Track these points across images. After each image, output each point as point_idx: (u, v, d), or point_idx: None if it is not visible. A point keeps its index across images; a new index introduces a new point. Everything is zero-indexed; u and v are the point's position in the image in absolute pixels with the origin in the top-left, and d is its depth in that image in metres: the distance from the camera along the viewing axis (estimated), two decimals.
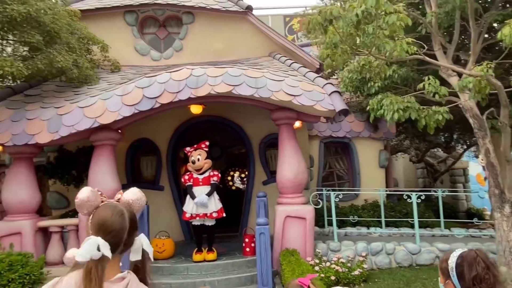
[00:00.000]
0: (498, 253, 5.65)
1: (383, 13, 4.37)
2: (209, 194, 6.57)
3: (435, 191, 8.79)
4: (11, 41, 6.86)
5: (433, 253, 6.96)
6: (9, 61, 5.84)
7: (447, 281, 1.76)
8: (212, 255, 6.60)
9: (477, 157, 14.80)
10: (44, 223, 6.70)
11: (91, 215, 1.52)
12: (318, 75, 7.17)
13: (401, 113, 5.02)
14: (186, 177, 6.87)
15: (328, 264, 6.21)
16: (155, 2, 8.68)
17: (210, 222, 6.71)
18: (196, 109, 7.67)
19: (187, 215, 6.65)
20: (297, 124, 8.08)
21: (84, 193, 1.54)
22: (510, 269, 5.49)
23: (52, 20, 6.43)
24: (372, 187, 9.64)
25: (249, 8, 8.62)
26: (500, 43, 4.90)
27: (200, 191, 6.59)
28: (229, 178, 15.88)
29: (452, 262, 1.75)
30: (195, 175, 6.74)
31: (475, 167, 15.33)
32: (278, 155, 7.08)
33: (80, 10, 7.87)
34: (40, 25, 6.30)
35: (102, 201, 1.55)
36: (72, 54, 6.78)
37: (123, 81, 7.16)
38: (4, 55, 6.61)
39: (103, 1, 8.85)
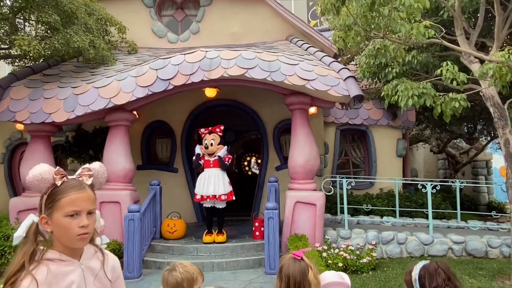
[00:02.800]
0: None
1: None
2: (222, 165, 6.64)
3: (453, 182, 8.55)
4: (31, 21, 7.00)
5: (446, 245, 6.81)
6: (27, 40, 5.95)
7: None
8: (221, 237, 6.66)
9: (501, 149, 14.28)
10: None
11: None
12: (335, 60, 7.01)
13: (416, 99, 4.85)
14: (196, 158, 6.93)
15: (336, 251, 6.16)
16: None
17: (220, 205, 6.76)
18: (210, 92, 7.66)
19: (198, 197, 6.71)
20: (312, 110, 7.98)
21: (37, 170, 1.43)
22: None
23: (70, 0, 6.51)
24: (388, 176, 9.48)
25: None
26: None
27: (211, 173, 6.63)
28: (245, 163, 15.93)
29: (415, 274, 1.81)
30: (206, 157, 6.77)
31: (499, 160, 14.77)
32: (291, 141, 7.02)
33: None
34: (58, 5, 6.39)
35: (62, 179, 1.44)
36: (89, 35, 6.86)
37: (138, 62, 7.21)
38: (23, 33, 6.74)
39: None
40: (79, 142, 8.09)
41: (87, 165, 1.56)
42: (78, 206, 1.41)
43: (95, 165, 1.58)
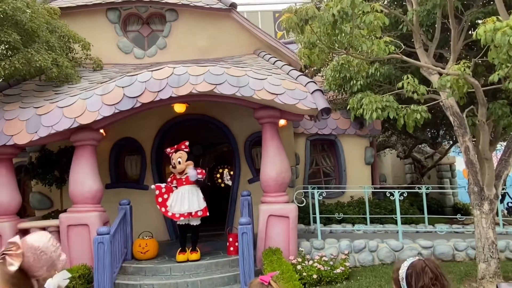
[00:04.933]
0: (477, 250, 5.71)
1: (360, 12, 4.35)
2: (199, 182, 6.57)
3: (419, 188, 8.85)
4: None
5: (416, 250, 7.01)
6: None
7: None
8: (195, 255, 6.58)
9: None
10: (25, 224, 6.62)
11: None
12: (302, 73, 7.14)
13: (380, 112, 5.02)
14: (169, 179, 6.88)
15: (310, 262, 6.22)
16: None
17: (195, 222, 6.68)
18: (179, 108, 7.62)
19: (169, 214, 6.62)
20: (282, 122, 8.06)
21: None
22: (489, 265, 5.55)
23: (30, 18, 6.33)
24: (358, 184, 9.69)
25: (233, 5, 8.56)
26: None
27: (185, 190, 6.55)
28: (218, 175, 15.83)
29: (402, 272, 1.77)
30: (178, 176, 6.70)
31: (461, 162, 15.37)
32: (262, 154, 7.06)
33: (61, 8, 7.76)
34: (18, 24, 6.20)
35: None
36: (52, 53, 6.67)
37: (104, 80, 7.08)
38: None
39: None
40: (43, 163, 7.80)
41: (16, 240, 1.17)
42: None
43: (35, 238, 1.22)
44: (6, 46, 6.49)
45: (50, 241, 1.24)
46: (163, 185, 6.74)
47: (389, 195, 7.40)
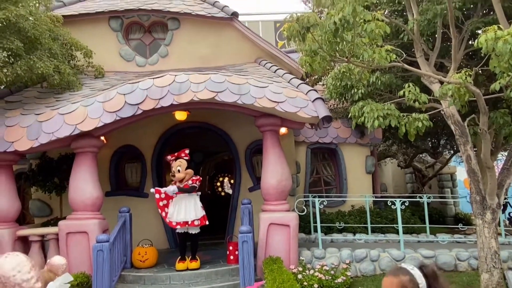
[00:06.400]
0: (480, 260, 5.65)
1: (361, 20, 4.37)
2: (187, 191, 6.48)
3: (420, 197, 8.80)
4: None
5: (417, 260, 6.94)
6: None
7: None
8: (195, 264, 6.52)
9: None
10: (24, 232, 6.58)
11: None
12: (303, 82, 7.16)
13: (381, 120, 5.01)
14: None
15: (311, 272, 6.16)
16: (140, 8, 8.64)
17: (193, 230, 6.64)
18: (180, 116, 7.62)
19: (167, 220, 6.58)
20: (283, 130, 8.06)
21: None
22: (492, 276, 5.49)
23: (33, 26, 6.36)
24: (359, 193, 9.64)
25: (234, 14, 8.62)
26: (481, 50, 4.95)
27: (182, 198, 6.52)
28: (218, 184, 15.81)
29: (422, 282, 1.65)
30: (177, 184, 6.67)
31: (462, 172, 15.30)
32: (263, 162, 7.04)
33: (64, 16, 7.82)
34: (20, 31, 6.23)
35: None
36: (54, 60, 6.70)
37: (106, 87, 7.09)
38: None
39: (87, 6, 8.79)
40: (43, 170, 7.78)
41: None
42: None
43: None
44: (9, 53, 6.52)
45: (17, 268, 1.09)
46: (162, 189, 6.69)
47: (390, 204, 7.35)
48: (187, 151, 6.82)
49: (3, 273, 1.14)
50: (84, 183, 6.44)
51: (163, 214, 6.65)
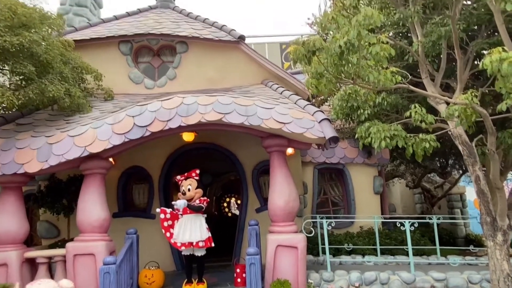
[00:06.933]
0: (492, 283, 5.53)
1: (366, 44, 4.45)
2: (194, 209, 6.44)
3: (430, 218, 8.68)
4: (4, 71, 6.96)
5: (428, 283, 6.80)
6: (0, 91, 5.89)
7: None
8: (202, 286, 6.44)
9: None
10: (31, 254, 6.58)
11: None
12: (309, 103, 7.22)
13: (388, 141, 5.02)
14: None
15: None
16: (150, 32, 8.87)
17: (199, 252, 6.58)
18: (188, 137, 7.69)
19: (172, 241, 6.54)
20: (290, 150, 8.08)
21: None
22: None
23: (45, 50, 6.55)
24: (367, 213, 9.54)
25: (241, 38, 8.80)
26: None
27: (188, 219, 6.50)
28: (225, 204, 15.75)
29: None
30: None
31: (472, 192, 15.10)
32: (270, 183, 7.03)
33: (75, 40, 8.03)
34: (33, 56, 6.42)
35: None
36: (65, 84, 6.85)
37: (115, 109, 7.21)
38: None
39: (98, 31, 9.03)
40: (52, 192, 7.83)
41: None
42: None
43: None
44: (21, 77, 6.69)
45: None
46: (168, 210, 6.68)
47: (399, 225, 7.26)
48: (197, 171, 6.85)
49: None
50: (92, 205, 6.46)
51: (168, 234, 6.61)
